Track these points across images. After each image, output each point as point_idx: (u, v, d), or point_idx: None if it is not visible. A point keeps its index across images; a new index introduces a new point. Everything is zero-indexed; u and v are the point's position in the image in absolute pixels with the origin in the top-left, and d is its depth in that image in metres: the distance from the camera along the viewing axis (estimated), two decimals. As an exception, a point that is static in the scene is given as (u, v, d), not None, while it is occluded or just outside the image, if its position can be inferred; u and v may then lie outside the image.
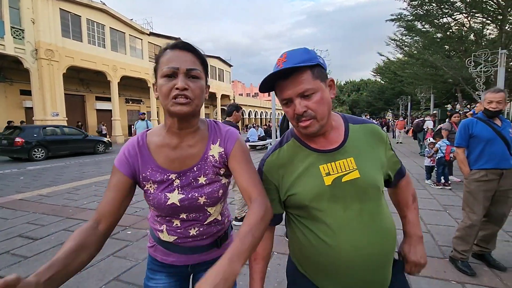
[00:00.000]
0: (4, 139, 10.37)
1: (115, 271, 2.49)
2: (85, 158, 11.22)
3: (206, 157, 0.92)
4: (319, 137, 0.88)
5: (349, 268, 0.82)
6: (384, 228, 0.84)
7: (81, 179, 6.79)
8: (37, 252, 2.88)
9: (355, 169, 0.84)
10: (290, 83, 0.79)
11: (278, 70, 0.77)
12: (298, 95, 0.79)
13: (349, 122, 0.92)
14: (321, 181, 0.84)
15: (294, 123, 0.84)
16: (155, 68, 0.86)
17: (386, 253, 0.84)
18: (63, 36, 15.65)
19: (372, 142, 0.90)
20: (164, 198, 0.89)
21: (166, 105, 0.81)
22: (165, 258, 1.01)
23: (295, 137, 0.93)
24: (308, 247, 0.87)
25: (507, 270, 2.35)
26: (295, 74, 0.78)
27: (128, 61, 19.99)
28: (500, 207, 2.40)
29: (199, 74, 0.83)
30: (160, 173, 0.89)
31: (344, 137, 0.88)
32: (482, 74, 10.96)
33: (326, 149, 0.87)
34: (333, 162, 0.85)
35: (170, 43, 0.84)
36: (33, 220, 3.85)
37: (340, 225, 0.82)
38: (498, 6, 12.26)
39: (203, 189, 0.92)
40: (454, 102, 25.32)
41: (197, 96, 0.83)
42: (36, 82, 14.37)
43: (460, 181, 5.68)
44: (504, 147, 2.35)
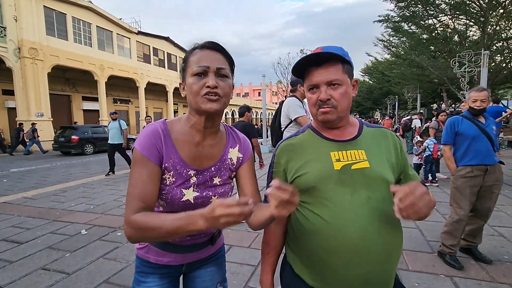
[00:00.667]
0: (62, 137, 12.79)
1: (105, 273, 2.44)
2: (72, 160, 10.94)
3: (225, 159, 0.96)
4: (335, 130, 0.92)
5: (353, 254, 0.79)
6: (391, 220, 0.83)
7: (68, 181, 6.61)
8: (22, 256, 2.79)
9: (365, 160, 0.86)
10: (321, 70, 0.84)
11: (316, 53, 0.82)
12: (326, 82, 0.84)
13: (364, 124, 0.98)
14: (330, 165, 0.86)
15: (315, 110, 0.88)
16: (183, 67, 0.88)
17: (391, 244, 0.83)
18: (47, 34, 15.22)
19: (383, 143, 0.93)
20: (180, 194, 0.88)
21: (197, 102, 0.82)
22: (160, 259, 0.97)
23: (311, 128, 0.98)
24: (312, 233, 0.85)
25: (492, 263, 2.43)
26: (327, 63, 0.84)
27: (116, 60, 19.63)
28: (486, 202, 2.48)
29: (227, 73, 0.86)
30: (180, 166, 0.88)
31: (358, 133, 0.93)
32: (466, 74, 11.30)
33: (338, 139, 0.91)
34: (345, 151, 0.88)
35: (199, 43, 0.86)
36: (18, 224, 3.73)
37: (347, 208, 0.82)
38: (481, 9, 12.67)
39: (216, 189, 0.94)
40: (440, 102, 26.00)
41: (226, 94, 0.85)
42: (19, 82, 13.92)
43: (447, 178, 5.84)
44: (488, 143, 2.43)
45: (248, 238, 3.09)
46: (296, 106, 2.77)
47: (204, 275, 1.05)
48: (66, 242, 3.12)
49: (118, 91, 23.15)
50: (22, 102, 14.06)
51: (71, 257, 2.76)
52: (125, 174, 7.41)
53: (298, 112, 2.75)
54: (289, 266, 0.95)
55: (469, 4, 13.04)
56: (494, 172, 2.44)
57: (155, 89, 25.09)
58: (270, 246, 0.98)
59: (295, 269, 0.92)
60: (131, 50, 21.32)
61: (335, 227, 0.81)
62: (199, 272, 1.05)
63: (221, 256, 1.11)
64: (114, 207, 4.44)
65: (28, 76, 14.05)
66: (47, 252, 2.88)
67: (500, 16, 12.97)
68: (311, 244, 0.86)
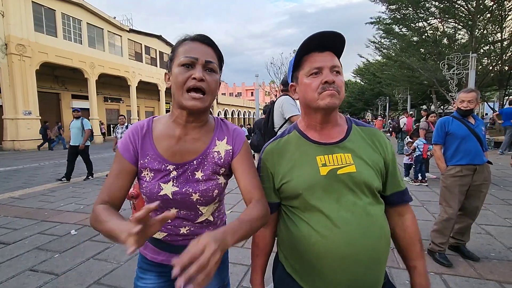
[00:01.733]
0: None
1: (95, 274, 2.39)
2: (61, 159, 10.72)
3: (208, 153, 0.90)
4: (324, 129, 0.90)
5: (340, 260, 0.80)
6: (378, 225, 0.83)
7: (56, 180, 6.47)
8: (10, 257, 2.71)
9: (351, 164, 0.84)
10: (325, 55, 0.85)
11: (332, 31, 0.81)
12: (330, 67, 0.83)
13: (353, 123, 0.95)
14: (316, 170, 0.85)
15: (316, 94, 0.83)
16: (171, 57, 0.85)
17: (379, 250, 0.83)
18: (36, 30, 14.86)
19: (371, 145, 0.91)
20: (158, 188, 0.86)
21: (179, 96, 0.80)
22: (154, 257, 0.97)
23: (297, 129, 0.95)
24: (300, 239, 0.86)
25: (480, 260, 2.49)
26: (328, 52, 0.85)
27: (107, 58, 19.32)
28: (474, 201, 2.54)
29: (215, 68, 0.83)
30: (158, 162, 0.87)
31: (346, 134, 0.90)
32: (455, 76, 11.56)
33: (325, 142, 0.89)
34: (331, 154, 0.86)
35: (190, 35, 0.84)
36: (4, 224, 3.63)
37: (333, 215, 0.82)
38: (469, 13, 12.99)
39: (198, 185, 0.89)
40: (429, 103, 26.52)
41: (212, 90, 0.82)
42: (6, 79, 13.55)
43: (436, 177, 5.95)
44: (477, 144, 2.49)
45: (241, 238, 3.08)
46: (291, 104, 2.76)
47: None
48: (55, 242, 3.05)
49: (109, 90, 22.80)
50: (9, 100, 13.69)
51: (60, 258, 2.70)
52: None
53: (292, 111, 2.73)
54: (281, 264, 0.95)
55: (458, 8, 13.36)
56: (482, 171, 2.50)
57: (147, 88, 24.81)
58: (260, 248, 0.98)
59: (287, 269, 0.92)
60: (123, 48, 21.02)
61: (322, 233, 0.82)
62: None
63: (221, 262, 1.05)
64: (104, 207, 4.36)
65: (16, 73, 13.70)
66: (35, 253, 2.81)
67: (488, 20, 13.32)
68: (299, 249, 0.86)
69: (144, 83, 23.16)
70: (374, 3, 15.11)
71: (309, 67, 0.85)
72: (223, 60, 0.90)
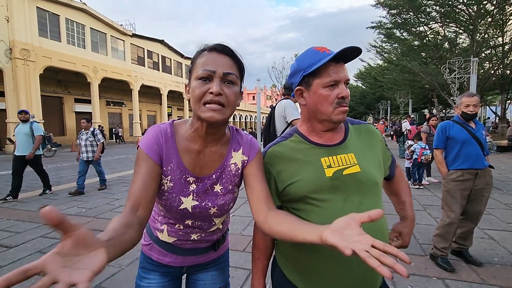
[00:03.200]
0: None
1: (97, 278, 2.38)
2: (63, 163, 10.76)
3: (226, 165, 0.90)
4: (327, 133, 0.91)
5: (344, 261, 0.80)
6: (379, 224, 0.84)
7: (59, 184, 6.50)
8: (12, 260, 2.73)
9: (355, 164, 0.86)
10: (341, 68, 0.83)
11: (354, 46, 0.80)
12: (346, 80, 0.84)
13: (349, 123, 0.97)
14: (322, 172, 0.85)
15: (331, 108, 0.84)
16: (190, 69, 0.82)
17: None
18: (40, 35, 15.06)
19: (369, 140, 0.94)
20: (178, 202, 0.85)
21: (197, 109, 0.77)
22: (161, 258, 0.98)
23: (298, 133, 0.95)
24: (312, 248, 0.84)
25: (483, 265, 2.47)
26: (342, 63, 0.84)
27: (110, 63, 19.50)
28: (476, 205, 2.53)
29: (235, 80, 0.79)
30: (180, 172, 0.85)
31: (345, 135, 0.92)
32: (456, 81, 11.55)
33: (327, 144, 0.90)
34: (335, 155, 0.87)
35: (208, 45, 0.80)
36: (7, 227, 3.65)
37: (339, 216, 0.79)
38: (470, 17, 13.02)
39: (216, 199, 0.89)
40: (431, 107, 26.48)
41: (231, 103, 0.79)
42: (10, 83, 13.70)
43: (438, 182, 5.93)
44: (478, 148, 2.49)
45: (243, 242, 3.08)
46: (293, 108, 2.77)
47: (206, 278, 1.05)
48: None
49: (111, 94, 22.96)
50: (13, 103, 13.82)
51: (62, 261, 2.70)
52: (118, 178, 7.32)
53: (295, 115, 2.73)
54: (279, 268, 0.95)
55: (459, 13, 13.40)
56: (484, 176, 2.50)
57: (149, 92, 24.96)
58: (261, 251, 0.98)
59: (285, 272, 0.92)
60: (125, 52, 21.21)
61: None
62: (201, 275, 1.05)
63: (224, 261, 1.11)
64: (106, 210, 4.38)
65: (19, 77, 13.84)
66: (37, 256, 2.82)
67: (489, 25, 13.34)
68: (302, 251, 0.86)
69: (146, 87, 23.32)
70: (375, 8, 15.20)
71: (327, 78, 0.83)
72: (244, 69, 0.85)
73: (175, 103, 30.23)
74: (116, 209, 4.40)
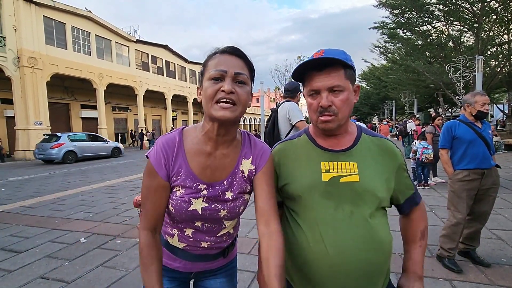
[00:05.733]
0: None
1: (104, 282, 2.43)
2: (70, 168, 10.91)
3: (237, 172, 0.90)
4: (331, 137, 0.89)
5: (328, 269, 0.80)
6: (375, 237, 0.81)
7: (66, 189, 6.59)
8: (21, 265, 2.77)
9: (355, 173, 0.84)
10: (323, 75, 0.80)
11: (318, 58, 0.79)
12: (328, 88, 0.80)
13: (363, 132, 0.93)
14: (318, 175, 0.85)
15: (315, 116, 0.85)
16: (202, 71, 0.84)
17: (372, 262, 0.81)
18: (46, 43, 15.35)
19: (382, 157, 0.89)
20: (188, 204, 0.86)
21: (209, 108, 0.79)
22: (170, 263, 0.99)
23: (307, 133, 0.95)
24: (293, 243, 0.87)
25: (491, 266, 2.44)
26: (329, 68, 0.80)
27: (115, 69, 19.75)
28: (483, 205, 2.50)
29: (246, 80, 0.81)
30: (190, 179, 0.86)
31: (354, 143, 0.89)
32: (461, 79, 11.44)
33: (332, 149, 0.88)
34: (336, 162, 0.86)
35: (220, 48, 0.83)
36: (16, 233, 3.71)
37: (327, 222, 0.82)
38: (474, 15, 12.91)
39: (227, 203, 0.90)
40: (436, 106, 26.21)
41: (243, 101, 0.80)
42: (18, 91, 13.96)
43: (445, 182, 5.86)
44: (485, 148, 2.46)
45: (248, 244, 3.09)
46: (298, 110, 2.82)
47: (214, 285, 1.05)
48: (65, 250, 3.10)
49: (116, 99, 23.23)
50: (21, 111, 14.07)
51: (70, 265, 2.75)
52: (124, 182, 7.39)
53: (299, 117, 2.78)
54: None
55: (463, 11, 13.28)
56: (491, 175, 2.47)
57: (154, 97, 25.19)
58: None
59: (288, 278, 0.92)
60: (130, 58, 21.47)
61: (313, 239, 0.82)
62: (209, 281, 1.05)
63: (232, 268, 1.11)
64: (113, 215, 4.43)
65: (27, 85, 14.10)
66: (46, 260, 2.86)
67: (493, 22, 13.21)
68: (292, 253, 0.87)
69: (151, 92, 23.54)
70: (377, 8, 15.16)
71: (308, 87, 0.84)
72: (255, 71, 0.88)
73: (180, 107, 30.43)
74: (123, 214, 4.45)
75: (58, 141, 12.41)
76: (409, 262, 0.94)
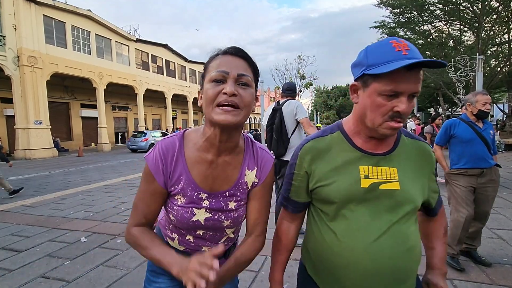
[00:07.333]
0: None
1: (105, 281, 2.43)
2: (70, 167, 10.91)
3: (241, 183, 0.87)
4: (373, 139, 0.81)
5: (361, 275, 0.78)
6: (408, 244, 0.78)
7: (66, 188, 6.59)
8: (22, 264, 2.77)
9: (395, 181, 0.78)
10: (412, 77, 0.68)
11: (427, 60, 0.65)
12: (411, 93, 0.70)
13: (402, 133, 0.86)
14: (357, 181, 0.78)
15: (380, 119, 0.73)
16: (203, 74, 0.80)
17: (405, 270, 0.79)
18: (46, 42, 15.31)
19: (420, 161, 0.84)
20: (190, 214, 0.84)
21: (210, 112, 0.74)
22: None
23: (342, 131, 0.86)
24: (324, 246, 0.84)
25: (492, 266, 2.44)
26: (418, 70, 0.69)
27: (115, 68, 19.72)
28: (483, 205, 2.50)
29: (249, 82, 0.76)
30: (191, 188, 0.83)
31: (393, 146, 0.82)
32: (462, 79, 11.42)
33: (371, 152, 0.81)
34: (376, 166, 0.79)
35: (222, 49, 0.78)
36: (16, 232, 3.71)
37: (363, 229, 0.78)
38: (474, 15, 12.90)
39: (230, 213, 0.88)
40: (437, 106, 26.20)
41: (246, 104, 0.75)
42: (18, 90, 13.94)
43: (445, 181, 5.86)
44: (484, 147, 2.46)
45: (249, 244, 3.08)
46: (304, 108, 2.98)
47: None
48: (66, 249, 3.10)
49: (117, 98, 23.22)
50: (21, 110, 14.06)
51: (70, 265, 2.74)
52: (124, 181, 7.39)
53: (304, 114, 2.93)
54: (303, 265, 0.94)
55: (463, 10, 13.28)
56: (490, 173, 2.48)
57: (154, 96, 25.18)
58: (282, 243, 0.95)
59: (308, 271, 0.91)
60: (130, 57, 21.44)
61: (346, 245, 0.79)
62: None
63: None
64: (113, 214, 4.42)
65: (27, 84, 14.08)
66: (46, 260, 2.86)
67: (494, 22, 13.21)
68: (321, 255, 0.85)
69: (151, 91, 23.52)
70: (377, 7, 15.16)
71: (388, 86, 0.70)
72: (259, 72, 0.83)
73: (180, 107, 30.43)
74: (123, 213, 4.45)
75: (145, 136, 17.03)
76: (435, 259, 0.92)
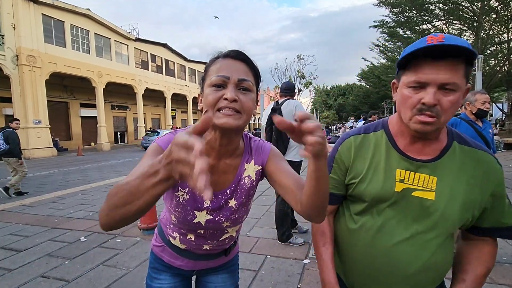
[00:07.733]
0: None
1: (105, 280, 2.42)
2: (70, 167, 10.90)
3: (240, 179, 0.86)
4: (418, 141, 0.76)
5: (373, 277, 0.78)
6: (432, 259, 0.74)
7: (66, 188, 6.58)
8: (21, 264, 2.77)
9: (431, 190, 0.73)
10: (440, 66, 0.64)
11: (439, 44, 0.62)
12: (440, 84, 0.65)
13: (455, 140, 0.77)
14: (392, 184, 0.76)
15: (409, 113, 0.70)
16: (203, 78, 0.78)
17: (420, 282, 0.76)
18: (45, 41, 15.27)
19: (473, 174, 0.74)
20: (192, 216, 0.84)
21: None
22: (172, 261, 0.99)
23: (386, 130, 0.82)
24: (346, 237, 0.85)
25: (491, 265, 2.45)
26: (451, 59, 0.64)
27: (114, 67, 19.68)
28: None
29: (250, 87, 0.74)
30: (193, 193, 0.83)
31: (440, 153, 0.75)
32: (461, 78, 11.43)
33: (413, 157, 0.76)
34: (413, 172, 0.75)
35: (222, 52, 0.76)
36: (16, 231, 3.70)
37: (385, 233, 0.76)
38: (474, 14, 12.92)
39: (231, 213, 0.87)
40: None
41: (247, 109, 0.73)
42: (17, 89, 13.91)
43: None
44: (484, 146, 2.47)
45: (249, 243, 3.09)
46: (303, 107, 3.02)
47: (216, 280, 1.06)
48: (65, 249, 3.10)
49: (116, 98, 23.18)
50: (20, 109, 14.02)
51: (70, 264, 2.74)
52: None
53: None
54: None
55: (462, 10, 13.30)
56: None
57: (153, 95, 25.14)
58: (327, 235, 0.89)
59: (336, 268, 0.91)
60: (129, 56, 21.40)
61: (367, 245, 0.78)
62: (212, 277, 1.06)
63: (234, 265, 1.12)
64: (113, 213, 4.41)
65: (26, 84, 14.05)
66: (46, 259, 2.86)
67: (493, 21, 13.22)
68: (345, 248, 0.86)
69: (150, 91, 23.49)
70: (377, 6, 15.16)
71: (412, 76, 0.68)
72: (260, 76, 0.82)
73: (179, 106, 30.39)
74: (123, 212, 4.45)
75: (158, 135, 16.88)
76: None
